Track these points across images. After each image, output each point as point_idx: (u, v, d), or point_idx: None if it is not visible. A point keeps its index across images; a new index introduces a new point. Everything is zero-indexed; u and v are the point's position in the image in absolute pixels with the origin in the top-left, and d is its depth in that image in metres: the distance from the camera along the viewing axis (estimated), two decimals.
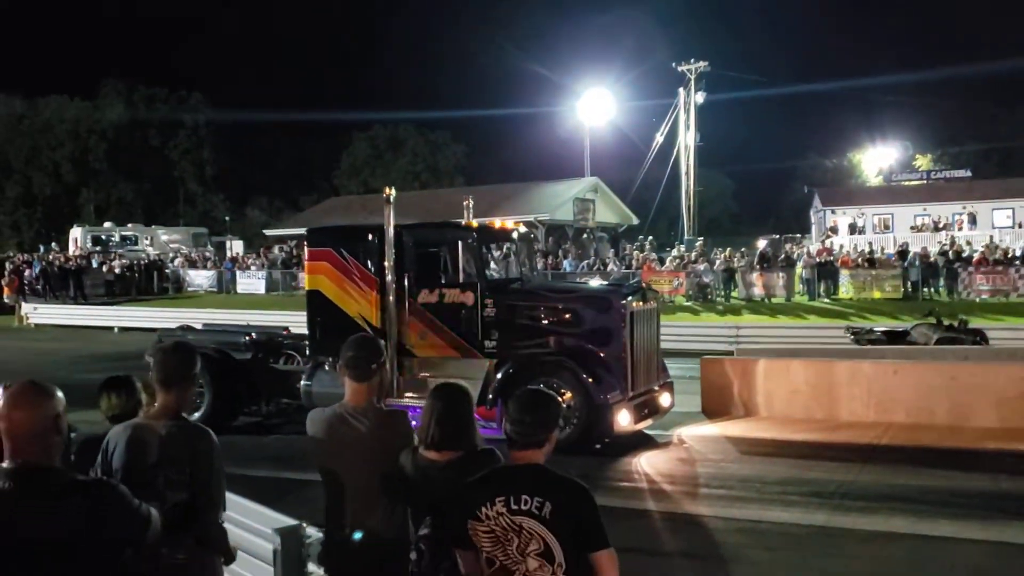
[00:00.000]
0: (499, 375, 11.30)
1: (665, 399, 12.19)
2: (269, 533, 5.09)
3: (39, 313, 33.82)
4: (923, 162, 65.12)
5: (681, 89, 44.10)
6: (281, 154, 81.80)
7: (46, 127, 76.92)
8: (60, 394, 3.09)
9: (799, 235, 51.60)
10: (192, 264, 44.47)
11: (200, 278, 41.95)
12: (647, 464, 10.62)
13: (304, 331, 13.11)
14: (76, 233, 52.25)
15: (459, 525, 3.43)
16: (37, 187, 77.62)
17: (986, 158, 65.83)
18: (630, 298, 11.49)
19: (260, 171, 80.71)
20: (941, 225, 42.79)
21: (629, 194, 47.96)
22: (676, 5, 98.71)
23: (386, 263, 11.52)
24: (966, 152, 65.19)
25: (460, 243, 11.98)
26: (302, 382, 12.33)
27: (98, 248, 48.80)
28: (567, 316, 11.54)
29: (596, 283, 15.19)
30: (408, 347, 11.86)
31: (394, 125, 78.78)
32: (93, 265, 42.54)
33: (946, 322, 15.86)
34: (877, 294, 28.98)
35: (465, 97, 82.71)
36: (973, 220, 43.03)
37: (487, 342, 11.61)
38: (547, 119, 63.58)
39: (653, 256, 35.47)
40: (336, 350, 4.51)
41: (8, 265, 39.93)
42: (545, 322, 11.61)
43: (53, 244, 52.06)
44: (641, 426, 11.46)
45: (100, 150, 77.81)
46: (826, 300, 29.37)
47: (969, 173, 52.75)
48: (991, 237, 36.61)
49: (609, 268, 33.09)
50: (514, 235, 13.10)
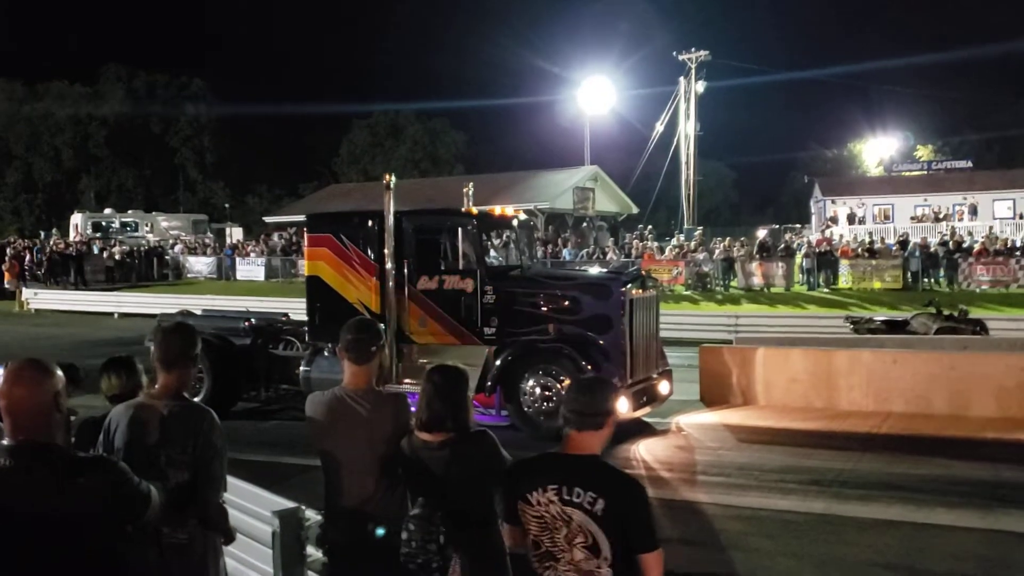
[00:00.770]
0: (498, 362, 11.31)
1: (664, 387, 12.19)
2: (268, 516, 5.10)
3: (39, 298, 33.79)
4: (924, 152, 64.98)
5: (682, 78, 44.01)
6: (281, 142, 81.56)
7: (47, 113, 76.68)
8: (60, 372, 3.09)
9: (799, 225, 51.55)
10: (192, 251, 44.45)
11: (200, 265, 41.96)
12: (645, 451, 10.64)
13: (304, 317, 13.11)
14: (76, 219, 52.21)
15: (508, 502, 3.43)
16: (38, 173, 77.51)
17: (987, 149, 65.77)
18: (629, 285, 11.48)
19: (260, 158, 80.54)
20: (942, 216, 42.74)
21: (629, 183, 47.91)
22: None
23: (386, 249, 11.52)
24: (967, 142, 65.16)
25: (460, 230, 11.96)
26: (301, 368, 12.34)
27: (98, 234, 48.75)
28: (566, 303, 11.53)
29: (596, 270, 15.17)
30: (407, 333, 11.87)
31: (394, 113, 78.57)
32: (93, 251, 42.49)
33: (946, 312, 15.88)
34: (877, 284, 28.97)
35: (465, 85, 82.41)
36: (974, 211, 42.99)
37: (486, 329, 11.62)
38: (547, 107, 63.51)
39: (653, 245, 35.45)
40: (335, 336, 4.52)
41: (9, 251, 39.91)
42: (544, 309, 11.60)
43: (54, 230, 52.04)
44: (640, 414, 11.47)
45: (101, 136, 77.67)
46: (825, 290, 29.37)
47: (970, 164, 52.71)
48: (990, 228, 36.58)
49: (608, 257, 33.07)
50: (514, 222, 13.09)
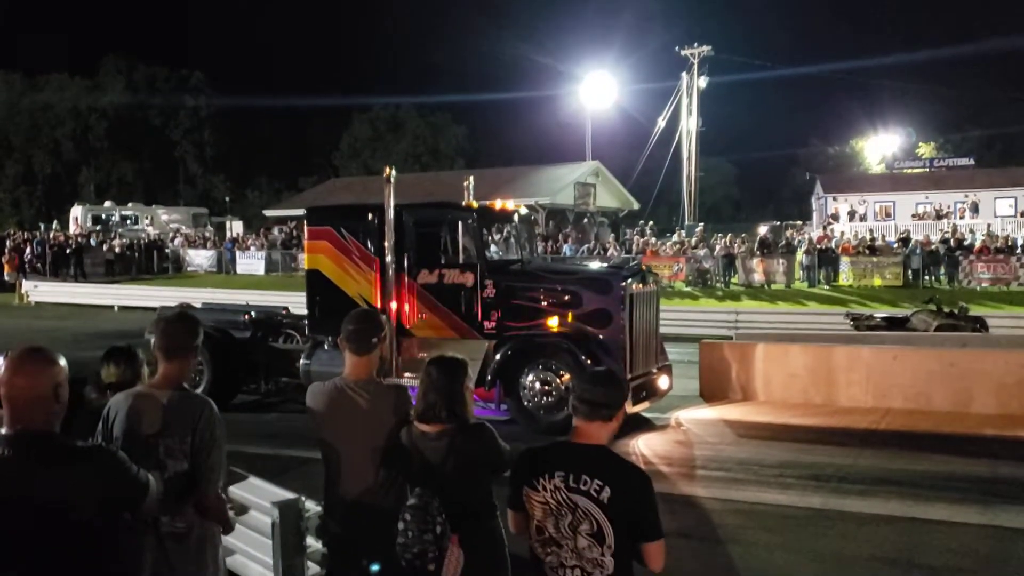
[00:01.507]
0: (498, 356, 11.31)
1: (663, 382, 12.19)
2: (268, 507, 5.12)
3: (39, 291, 33.80)
4: (926, 150, 64.94)
5: (684, 74, 43.96)
6: (281, 135, 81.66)
7: (47, 106, 76.76)
8: (63, 362, 3.08)
9: (800, 222, 51.49)
10: (192, 244, 44.44)
11: (200, 258, 41.96)
12: (645, 446, 10.64)
13: (303, 311, 13.11)
14: (76, 212, 52.18)
15: (514, 488, 3.46)
16: (37, 165, 77.60)
17: (989, 146, 65.73)
18: (630, 280, 11.48)
19: (260, 152, 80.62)
20: (943, 213, 42.70)
21: (630, 179, 47.85)
22: None
23: (386, 243, 11.51)
24: (969, 140, 65.11)
25: (460, 224, 11.94)
26: (301, 361, 12.34)
27: (98, 227, 48.71)
28: (566, 297, 11.52)
29: (596, 265, 15.16)
30: (407, 327, 11.87)
31: (395, 107, 78.59)
32: (93, 244, 42.48)
33: (946, 309, 15.87)
34: (878, 281, 28.96)
35: (466, 80, 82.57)
36: (975, 208, 42.94)
37: (486, 323, 11.62)
38: (549, 103, 63.52)
39: (653, 241, 35.44)
40: (335, 329, 4.52)
41: (8, 243, 39.89)
42: (544, 303, 11.59)
43: (54, 223, 52.02)
44: (639, 408, 11.46)
45: (100, 129, 77.73)
46: (826, 287, 29.36)
47: (972, 161, 52.64)
48: (988, 226, 36.55)
49: (609, 252, 33.05)
50: (514, 217, 13.08)
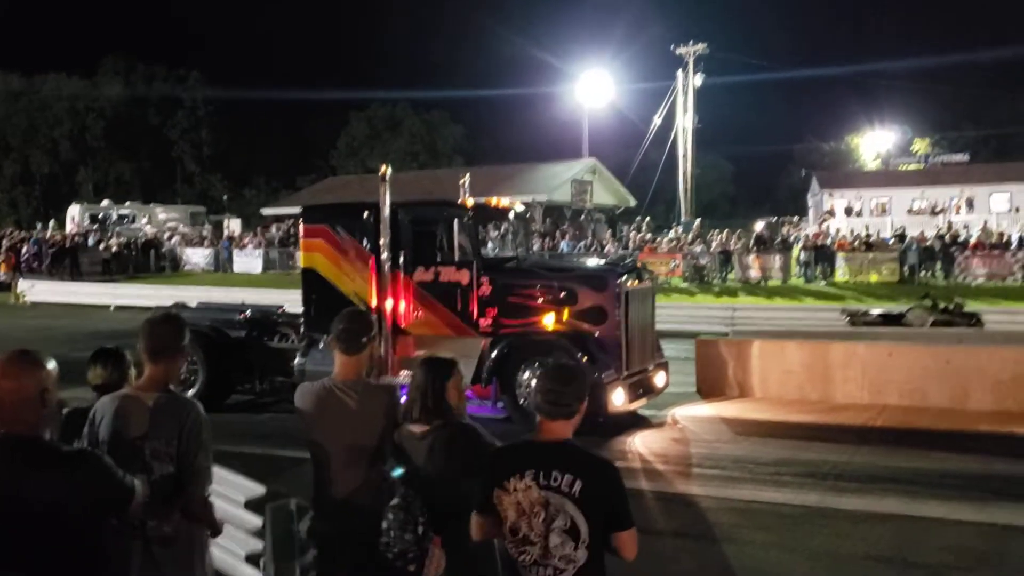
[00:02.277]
0: (493, 354, 11.29)
1: (660, 379, 12.19)
2: (259, 508, 5.10)
3: (36, 290, 33.72)
4: (921, 146, 64.99)
5: (680, 72, 43.96)
6: (279, 134, 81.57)
7: (44, 105, 76.69)
8: (51, 365, 3.05)
9: (796, 218, 51.52)
10: (189, 243, 44.38)
11: (197, 257, 41.89)
12: (641, 444, 10.64)
13: (300, 310, 13.08)
14: (74, 211, 52.05)
15: (484, 492, 3.44)
16: (35, 165, 77.52)
17: (984, 143, 65.71)
18: (625, 277, 11.47)
19: (258, 151, 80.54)
20: (938, 209, 42.74)
21: (627, 176, 47.87)
22: None
23: (381, 241, 11.49)
24: (964, 136, 65.11)
25: (456, 221, 11.92)
26: (296, 360, 12.31)
27: (95, 226, 48.62)
28: (562, 295, 11.50)
29: (592, 262, 15.15)
30: (403, 326, 11.85)
31: (392, 105, 78.53)
32: (90, 243, 42.41)
33: (941, 305, 15.87)
34: (874, 277, 28.96)
35: (463, 78, 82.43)
36: (970, 204, 42.99)
37: (482, 320, 11.61)
38: (546, 100, 63.44)
39: (650, 237, 35.44)
40: (331, 328, 4.51)
41: (4, 242, 39.83)
42: (540, 301, 11.57)
43: (51, 222, 51.94)
44: (635, 406, 11.46)
45: (98, 128, 77.66)
46: (822, 283, 29.37)
47: (967, 157, 52.71)
48: (985, 222, 36.57)
49: (606, 249, 33.05)
50: (510, 214, 13.06)
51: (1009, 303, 23.36)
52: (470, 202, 12.29)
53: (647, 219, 40.10)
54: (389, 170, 11.65)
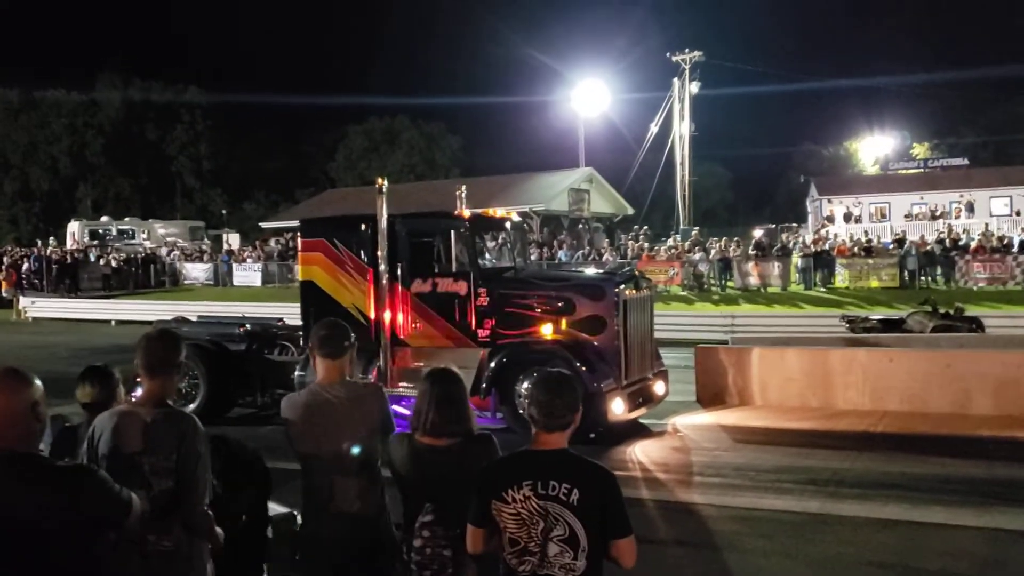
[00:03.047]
0: (492, 364, 11.29)
1: (659, 387, 12.18)
2: None
3: (37, 307, 33.79)
4: (920, 151, 64.99)
5: (676, 79, 44.02)
6: (277, 147, 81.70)
7: (43, 122, 76.90)
8: (38, 382, 3.09)
9: (795, 224, 51.52)
10: (188, 257, 44.40)
11: (197, 271, 41.90)
12: (641, 453, 10.62)
13: (299, 322, 13.09)
14: (74, 227, 52.14)
15: (481, 504, 3.43)
16: (35, 182, 77.65)
17: (983, 147, 65.77)
18: (623, 286, 11.48)
19: (257, 165, 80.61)
20: (938, 214, 42.72)
21: (624, 184, 47.88)
22: None
23: (379, 253, 11.50)
24: (963, 140, 65.18)
25: (453, 232, 11.95)
26: (296, 372, 12.32)
27: (95, 242, 48.67)
28: (560, 304, 11.51)
29: (590, 271, 15.17)
30: (401, 337, 11.85)
31: (390, 117, 78.66)
32: (90, 259, 42.44)
33: (942, 310, 15.87)
34: (874, 283, 28.92)
35: (459, 89, 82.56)
36: (970, 208, 42.96)
37: (480, 331, 11.62)
38: (542, 110, 63.41)
39: (648, 246, 35.44)
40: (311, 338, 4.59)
41: (6, 259, 39.86)
42: (538, 311, 11.58)
43: (50, 239, 51.99)
44: (635, 415, 11.45)
45: (97, 144, 77.81)
46: (822, 289, 29.34)
47: (966, 161, 52.67)
48: (986, 225, 36.56)
49: (604, 258, 33.04)
50: (507, 224, 13.08)
51: (1010, 307, 23.33)
52: (467, 213, 12.31)
53: (645, 228, 40.11)
54: (386, 182, 11.68)
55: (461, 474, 3.80)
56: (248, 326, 13.79)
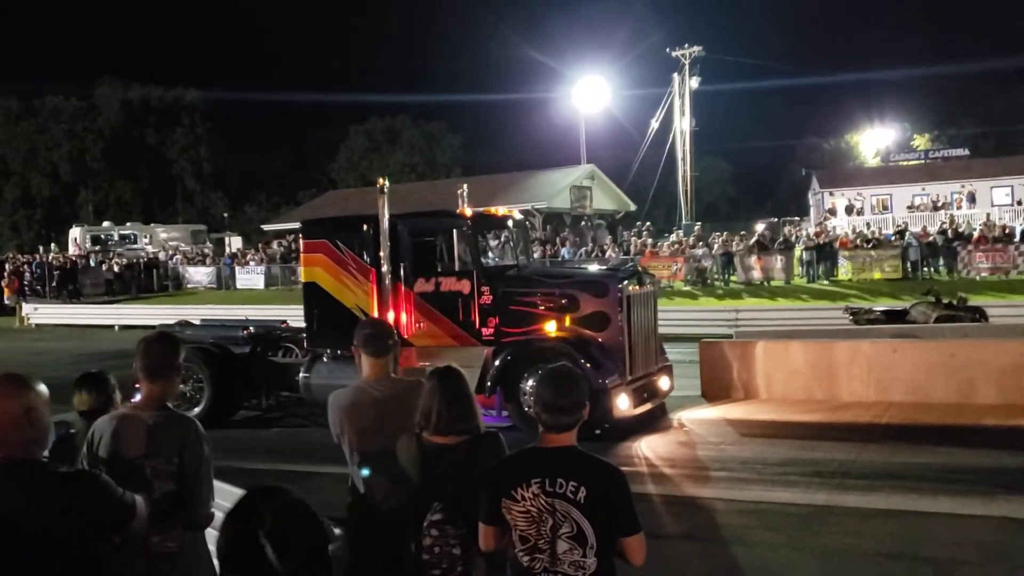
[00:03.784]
0: (497, 362, 11.28)
1: (664, 383, 12.18)
2: None
3: (39, 313, 33.81)
4: (921, 142, 64.90)
5: (676, 74, 44.02)
6: (278, 149, 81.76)
7: (43, 128, 77.02)
8: (39, 388, 3.07)
9: (797, 218, 51.47)
10: (191, 261, 44.44)
11: (199, 275, 41.93)
12: (647, 448, 10.61)
13: (303, 324, 13.09)
14: (75, 233, 52.30)
15: (492, 502, 3.43)
16: (36, 188, 77.79)
17: (984, 137, 65.68)
18: (626, 282, 11.47)
19: (258, 166, 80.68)
20: (940, 204, 42.67)
21: (626, 181, 47.91)
22: None
23: (381, 253, 11.51)
24: (964, 131, 65.06)
25: (455, 231, 11.94)
26: (301, 374, 12.32)
27: (97, 247, 48.74)
28: (564, 301, 11.51)
29: (593, 268, 15.16)
30: (406, 337, 11.84)
31: (391, 117, 78.67)
32: (92, 264, 42.48)
33: (945, 300, 15.85)
34: (877, 275, 28.92)
35: (460, 88, 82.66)
36: (972, 199, 42.89)
37: (484, 329, 11.61)
38: (542, 108, 63.45)
39: (651, 241, 35.43)
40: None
41: (8, 266, 39.92)
42: (542, 308, 11.58)
43: (53, 245, 52.09)
44: (640, 410, 11.43)
45: (97, 150, 77.93)
46: (825, 282, 29.34)
47: (967, 152, 52.60)
48: (988, 215, 36.51)
49: (607, 255, 33.03)
50: (509, 222, 13.07)
51: (1014, 296, 23.32)
52: (469, 212, 12.30)
53: (647, 223, 40.09)
54: (387, 182, 11.68)
55: (469, 472, 3.79)
56: (252, 329, 13.77)
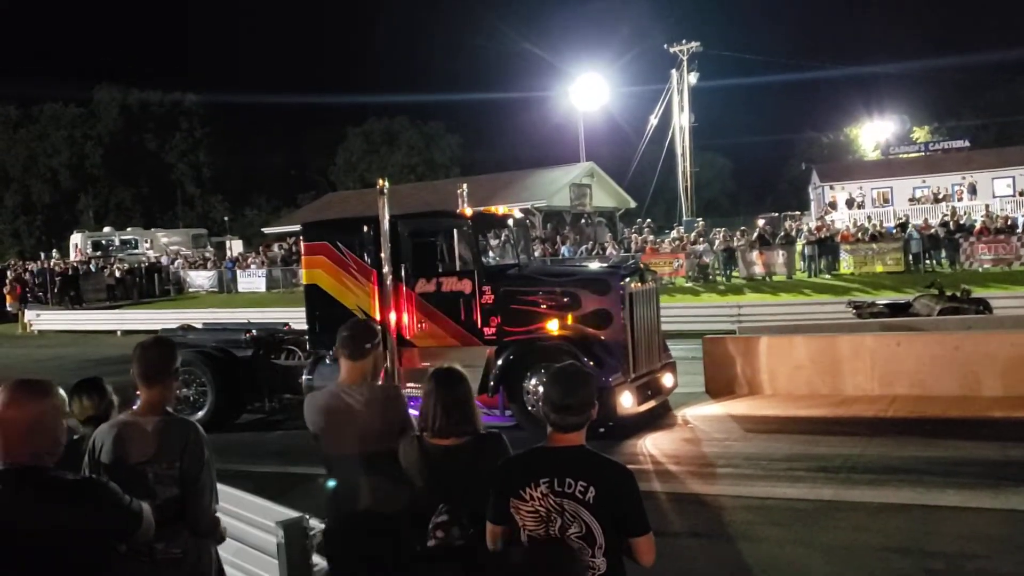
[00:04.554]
0: (499, 362, 11.26)
1: (668, 380, 12.15)
2: (272, 526, 5.07)
3: (42, 320, 33.82)
4: (921, 134, 64.83)
5: (674, 71, 43.98)
6: (277, 152, 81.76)
7: (42, 135, 77.05)
8: (53, 397, 3.03)
9: (798, 212, 51.43)
10: (192, 265, 44.44)
11: (201, 279, 41.94)
12: (652, 445, 10.58)
13: (305, 326, 13.07)
14: (76, 239, 52.30)
15: (500, 501, 3.40)
16: (36, 195, 77.79)
17: (984, 129, 65.59)
18: (628, 279, 11.44)
19: (257, 171, 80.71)
20: (941, 197, 42.64)
21: (626, 178, 47.89)
22: None
23: (382, 254, 11.48)
24: (964, 122, 64.97)
25: (455, 231, 11.93)
26: (304, 377, 12.30)
27: (98, 253, 48.75)
28: (565, 300, 11.48)
29: (594, 265, 15.12)
30: (407, 338, 11.83)
31: (388, 118, 78.64)
32: (93, 270, 42.49)
33: (948, 292, 15.81)
34: (879, 268, 28.89)
35: (458, 87, 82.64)
36: (973, 190, 42.86)
37: (486, 329, 11.59)
38: (541, 106, 63.40)
39: (652, 238, 35.42)
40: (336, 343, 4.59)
41: (9, 273, 39.93)
42: (544, 306, 11.55)
43: (54, 251, 52.09)
44: (644, 408, 11.40)
45: (97, 156, 77.92)
46: (827, 276, 29.31)
47: (968, 143, 52.54)
48: (987, 207, 36.47)
49: (608, 252, 33.01)
50: (509, 221, 13.04)
51: (1017, 288, 23.25)
52: (469, 211, 12.27)
53: (648, 220, 40.07)
54: (387, 183, 11.65)
55: (473, 473, 3.77)
56: (254, 332, 13.76)
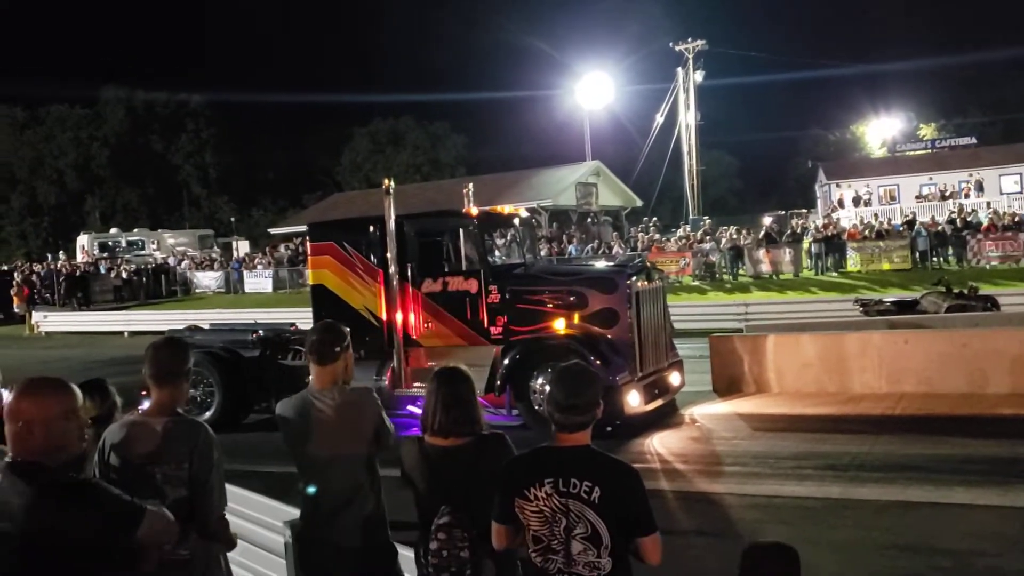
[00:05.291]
0: (506, 361, 11.25)
1: (675, 378, 12.14)
2: (279, 526, 5.07)
3: (49, 321, 33.91)
4: (927, 131, 64.67)
5: (680, 69, 43.94)
6: (283, 153, 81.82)
7: (48, 136, 77.24)
8: (64, 396, 3.01)
9: (804, 210, 51.32)
10: (199, 266, 44.51)
11: (207, 279, 41.98)
12: (659, 444, 10.58)
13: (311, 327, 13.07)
14: (83, 240, 52.38)
15: (505, 501, 3.39)
16: (42, 196, 77.95)
17: (991, 125, 65.38)
18: (634, 278, 11.43)
19: (263, 171, 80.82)
20: (948, 194, 42.51)
21: (632, 176, 47.82)
22: None
23: (388, 254, 11.50)
24: (971, 119, 64.81)
25: (461, 231, 11.94)
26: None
27: (105, 254, 48.83)
28: (572, 299, 11.48)
29: (600, 264, 15.12)
30: (414, 337, 11.83)
31: (394, 119, 78.66)
32: (100, 271, 42.57)
33: (956, 290, 15.78)
34: (886, 265, 28.83)
35: (463, 86, 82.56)
36: (980, 187, 42.71)
37: (492, 328, 11.60)
38: (546, 105, 63.34)
39: (658, 237, 35.40)
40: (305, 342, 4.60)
41: (17, 275, 40.03)
42: (550, 306, 11.55)
43: (61, 252, 52.21)
44: (651, 407, 11.39)
45: (103, 157, 78.08)
46: (834, 274, 29.25)
47: (974, 140, 52.37)
48: (988, 203, 36.36)
49: (614, 251, 32.98)
50: (515, 220, 13.04)
51: None
52: (475, 211, 12.28)
53: (654, 219, 40.04)
54: (392, 184, 11.66)
55: (476, 474, 3.76)
56: (261, 332, 13.76)
